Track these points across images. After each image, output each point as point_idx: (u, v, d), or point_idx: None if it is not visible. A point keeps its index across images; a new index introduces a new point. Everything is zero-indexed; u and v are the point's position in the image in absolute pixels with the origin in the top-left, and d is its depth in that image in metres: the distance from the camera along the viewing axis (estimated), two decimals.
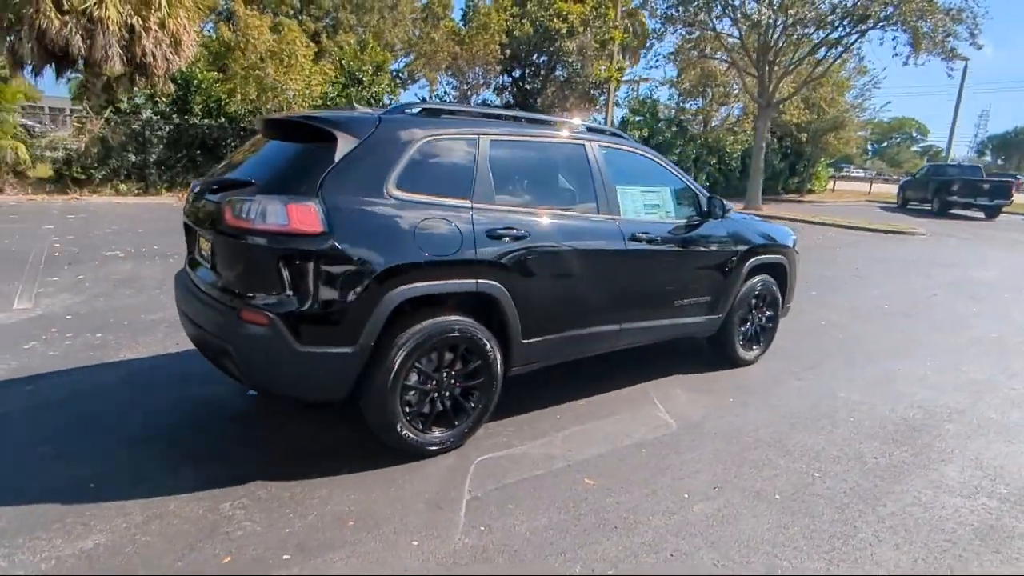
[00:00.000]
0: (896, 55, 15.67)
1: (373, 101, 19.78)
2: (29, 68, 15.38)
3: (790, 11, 15.47)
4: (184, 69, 16.15)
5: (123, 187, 14.89)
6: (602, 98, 23.89)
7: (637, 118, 24.02)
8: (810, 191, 29.72)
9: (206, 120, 16.35)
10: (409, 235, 2.86)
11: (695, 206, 4.25)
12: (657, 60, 26.27)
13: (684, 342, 4.98)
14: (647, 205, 3.99)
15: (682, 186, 4.24)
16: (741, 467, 3.22)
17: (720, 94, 24.76)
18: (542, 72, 21.98)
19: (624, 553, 2.47)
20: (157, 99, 15.81)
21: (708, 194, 4.27)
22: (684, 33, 18.90)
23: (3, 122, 14.06)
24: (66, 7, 14.07)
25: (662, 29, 19.57)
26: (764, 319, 4.88)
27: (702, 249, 4.20)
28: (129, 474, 2.83)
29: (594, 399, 4.01)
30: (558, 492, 2.88)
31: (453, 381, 3.14)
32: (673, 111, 25.91)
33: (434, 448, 3.08)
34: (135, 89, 16.09)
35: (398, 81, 31.56)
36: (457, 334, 3.04)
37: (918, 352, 5.45)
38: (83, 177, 14.75)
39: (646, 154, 4.16)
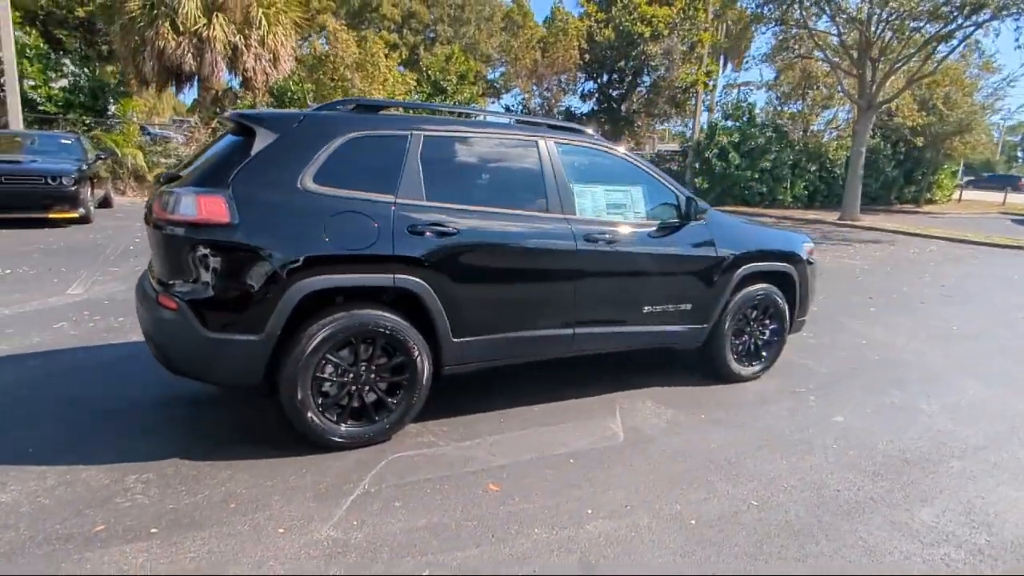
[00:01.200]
0: (1019, 47, 13.80)
1: None
2: (154, 85, 17.28)
3: (892, 3, 14.09)
4: (281, 82, 17.45)
5: None
6: (692, 103, 23.07)
7: (728, 123, 22.95)
8: (930, 201, 26.95)
9: None
10: (319, 228, 2.90)
11: (673, 208, 3.98)
12: (747, 62, 24.86)
13: (682, 353, 4.65)
14: (610, 205, 3.80)
15: (657, 187, 3.99)
16: (671, 488, 2.96)
17: (822, 96, 23.07)
18: (627, 77, 21.56)
19: (486, 564, 2.35)
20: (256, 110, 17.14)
21: (687, 195, 3.98)
22: (778, 32, 17.81)
23: (126, 132, 15.85)
24: (181, 29, 15.65)
25: (752, 29, 18.59)
26: (768, 333, 4.47)
27: (678, 253, 3.92)
28: (70, 443, 3.08)
29: (552, 405, 3.86)
30: (455, 495, 2.80)
31: (374, 376, 3.14)
32: (771, 114, 24.51)
33: (343, 440, 3.07)
34: (238, 101, 17.59)
35: (494, 89, 32.29)
36: (374, 328, 3.04)
37: (964, 378, 4.77)
38: None
39: (616, 153, 3.96)
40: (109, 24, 17.01)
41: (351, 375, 3.08)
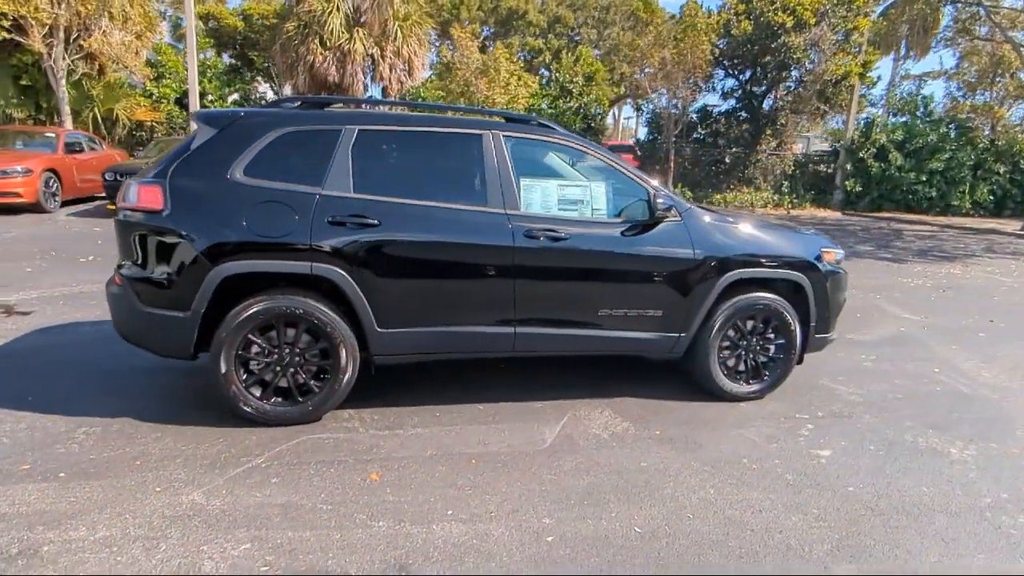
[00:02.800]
0: None
1: (582, 111, 20.33)
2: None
3: None
4: (414, 90, 18.64)
5: None
6: (847, 97, 20.68)
7: (892, 119, 20.28)
8: None
9: None
10: (240, 216, 3.12)
11: (643, 204, 3.66)
12: (934, 46, 21.63)
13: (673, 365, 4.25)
14: (565, 201, 3.60)
15: (626, 183, 3.70)
16: (556, 502, 2.76)
17: (1015, 85, 19.47)
18: (770, 72, 19.91)
19: (308, 546, 2.38)
20: None
21: (656, 191, 3.65)
22: (952, 10, 15.42)
23: None
24: (327, 44, 17.37)
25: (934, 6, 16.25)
26: (772, 349, 3.95)
27: (643, 253, 3.60)
28: (63, 394, 3.61)
29: (503, 405, 3.76)
30: (333, 479, 2.86)
31: (298, 359, 3.30)
32: (949, 107, 21.23)
33: (262, 416, 3.25)
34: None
35: (640, 90, 31.57)
36: (294, 313, 3.19)
37: None
38: None
39: (581, 148, 3.73)
40: (271, 45, 19.35)
41: (275, 356, 3.27)
